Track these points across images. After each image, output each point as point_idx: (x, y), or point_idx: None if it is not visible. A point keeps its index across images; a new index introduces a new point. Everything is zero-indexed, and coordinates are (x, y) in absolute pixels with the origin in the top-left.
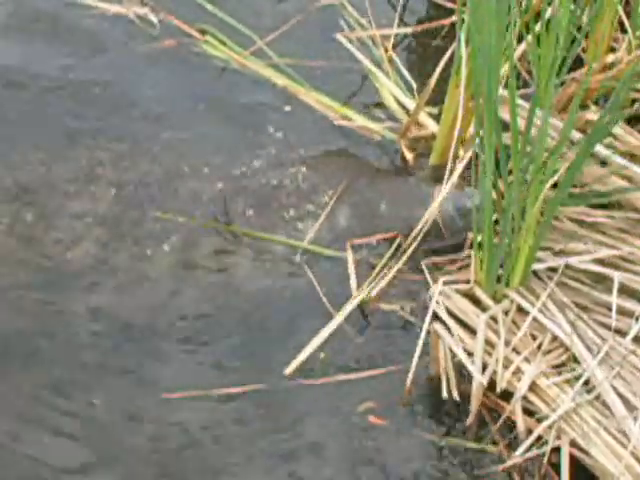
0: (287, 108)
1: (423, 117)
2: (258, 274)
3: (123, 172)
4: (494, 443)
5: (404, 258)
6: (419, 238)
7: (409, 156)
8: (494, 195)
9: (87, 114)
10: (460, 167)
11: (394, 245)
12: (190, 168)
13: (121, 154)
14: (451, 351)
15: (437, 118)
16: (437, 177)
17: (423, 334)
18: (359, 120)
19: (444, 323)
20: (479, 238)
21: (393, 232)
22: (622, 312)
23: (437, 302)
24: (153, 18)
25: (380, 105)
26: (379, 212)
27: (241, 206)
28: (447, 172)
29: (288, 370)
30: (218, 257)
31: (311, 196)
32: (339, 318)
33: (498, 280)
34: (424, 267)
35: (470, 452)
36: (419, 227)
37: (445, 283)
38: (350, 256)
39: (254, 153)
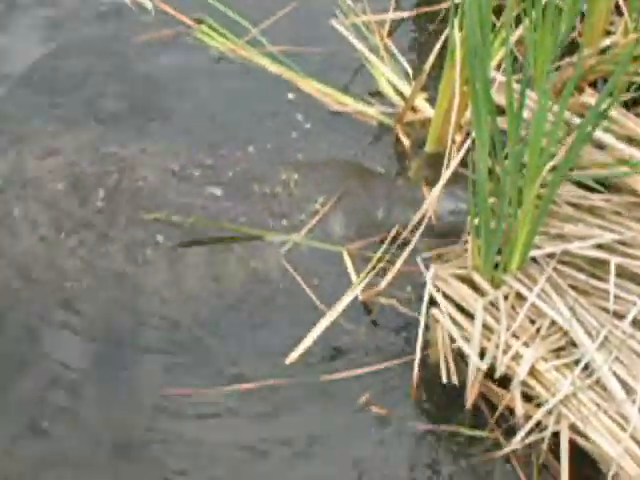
0: (290, 96)
1: (419, 102)
2: (252, 272)
3: (112, 167)
4: (492, 430)
5: (405, 252)
6: (416, 236)
7: (406, 142)
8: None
9: (78, 102)
10: (456, 160)
11: (388, 241)
12: (180, 167)
13: (110, 146)
14: (450, 337)
15: (433, 103)
16: (434, 165)
17: (422, 320)
18: (356, 106)
19: (442, 309)
20: (476, 223)
21: (388, 231)
22: (621, 296)
23: (434, 287)
24: (149, 4)
25: (376, 91)
26: (374, 215)
27: (233, 212)
28: (445, 163)
29: (289, 360)
30: (210, 256)
31: (304, 200)
32: (336, 311)
33: (496, 266)
34: (420, 259)
35: (468, 439)
36: (414, 224)
37: (442, 268)
38: (346, 255)
39: (249, 150)
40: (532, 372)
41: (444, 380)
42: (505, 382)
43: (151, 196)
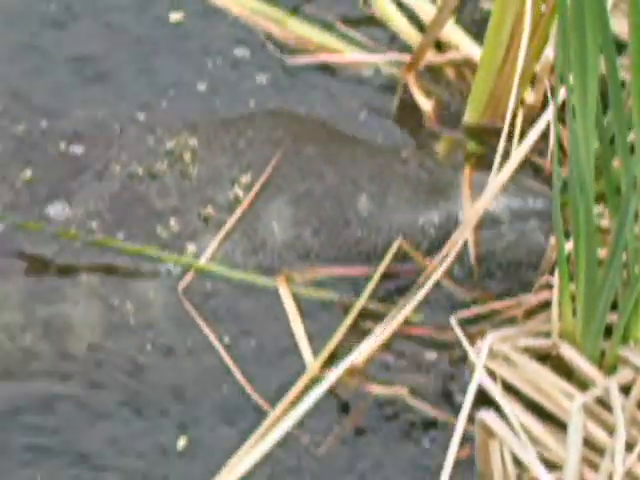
0: (174, 17)
1: (451, 31)
2: (114, 324)
3: None
4: None
5: (417, 297)
6: (442, 266)
7: (425, 105)
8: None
9: None
10: (527, 140)
11: (380, 271)
12: None
13: None
14: (516, 462)
15: (478, 35)
16: (479, 147)
17: (459, 430)
18: (327, 43)
19: (500, 411)
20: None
21: (383, 249)
22: None
23: (486, 370)
24: None
25: (367, 14)
26: (352, 213)
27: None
28: (503, 135)
29: None
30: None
31: (212, 182)
32: (278, 413)
33: (608, 332)
34: (456, 318)
35: None
36: (438, 242)
37: (501, 338)
38: (287, 295)
39: (95, 116)
40: None
41: None
42: None
43: None
